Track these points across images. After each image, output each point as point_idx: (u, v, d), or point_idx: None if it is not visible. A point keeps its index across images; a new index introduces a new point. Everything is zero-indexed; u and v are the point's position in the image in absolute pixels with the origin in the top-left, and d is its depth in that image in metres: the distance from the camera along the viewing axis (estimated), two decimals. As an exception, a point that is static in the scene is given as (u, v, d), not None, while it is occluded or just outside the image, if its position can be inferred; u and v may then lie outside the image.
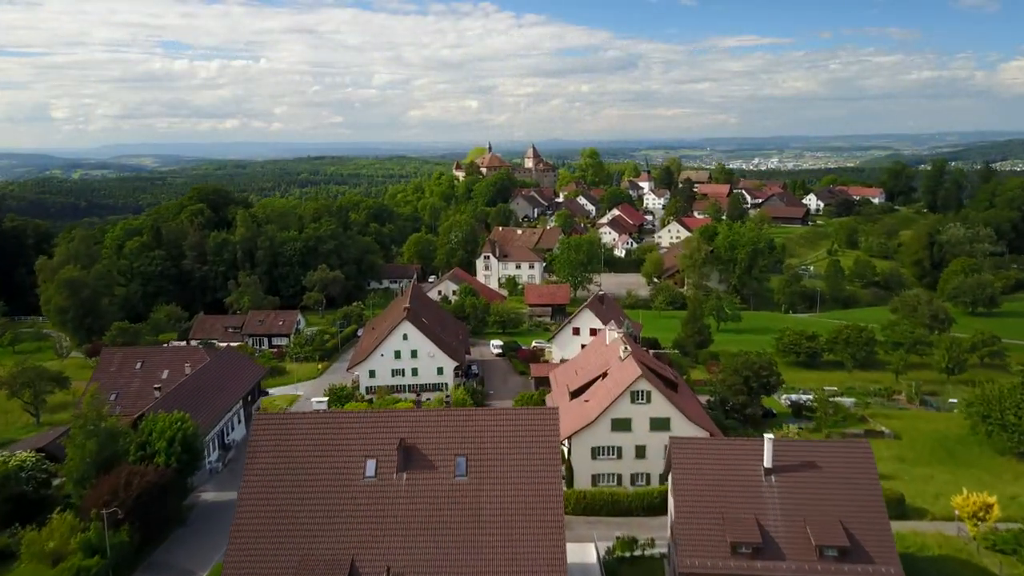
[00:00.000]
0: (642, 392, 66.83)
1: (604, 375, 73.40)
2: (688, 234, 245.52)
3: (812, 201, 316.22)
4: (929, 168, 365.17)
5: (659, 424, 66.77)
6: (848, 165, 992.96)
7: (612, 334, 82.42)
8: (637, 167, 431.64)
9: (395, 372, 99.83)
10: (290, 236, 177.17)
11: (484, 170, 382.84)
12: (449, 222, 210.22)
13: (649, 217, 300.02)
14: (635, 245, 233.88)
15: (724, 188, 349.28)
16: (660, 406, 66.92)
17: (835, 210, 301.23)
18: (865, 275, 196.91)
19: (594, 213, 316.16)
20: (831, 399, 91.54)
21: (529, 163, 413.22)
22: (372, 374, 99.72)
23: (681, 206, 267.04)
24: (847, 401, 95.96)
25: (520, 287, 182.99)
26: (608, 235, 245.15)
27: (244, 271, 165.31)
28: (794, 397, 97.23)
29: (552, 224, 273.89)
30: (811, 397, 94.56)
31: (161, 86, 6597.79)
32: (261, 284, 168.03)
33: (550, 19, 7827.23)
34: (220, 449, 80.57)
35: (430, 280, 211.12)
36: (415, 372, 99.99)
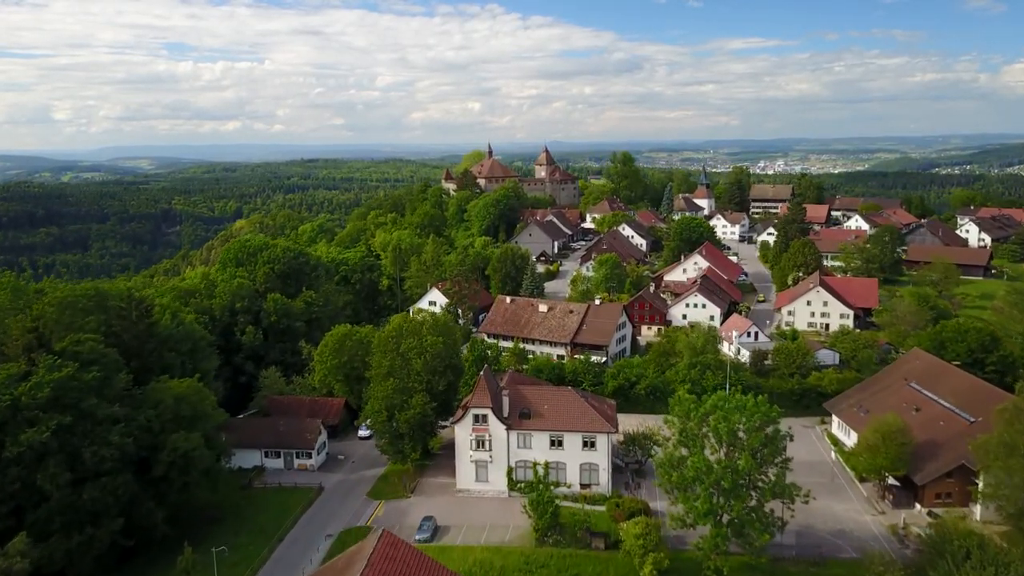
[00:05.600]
0: None
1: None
2: (845, 310, 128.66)
3: (971, 233, 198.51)
4: (956, 172, 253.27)
5: None
6: (858, 168, 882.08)
7: None
8: (689, 177, 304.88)
9: None
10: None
11: (482, 182, 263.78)
12: (405, 345, 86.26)
13: (732, 259, 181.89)
14: (760, 338, 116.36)
15: (820, 210, 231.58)
16: None
17: (1019, 250, 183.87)
18: None
19: (645, 249, 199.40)
20: None
21: (542, 172, 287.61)
22: None
23: (810, 254, 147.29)
24: None
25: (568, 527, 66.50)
26: (701, 310, 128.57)
27: None
28: None
29: (590, 274, 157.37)
30: None
31: (164, 88, 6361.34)
32: None
33: (556, 20, 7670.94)
34: None
35: (360, 434, 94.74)
36: None
